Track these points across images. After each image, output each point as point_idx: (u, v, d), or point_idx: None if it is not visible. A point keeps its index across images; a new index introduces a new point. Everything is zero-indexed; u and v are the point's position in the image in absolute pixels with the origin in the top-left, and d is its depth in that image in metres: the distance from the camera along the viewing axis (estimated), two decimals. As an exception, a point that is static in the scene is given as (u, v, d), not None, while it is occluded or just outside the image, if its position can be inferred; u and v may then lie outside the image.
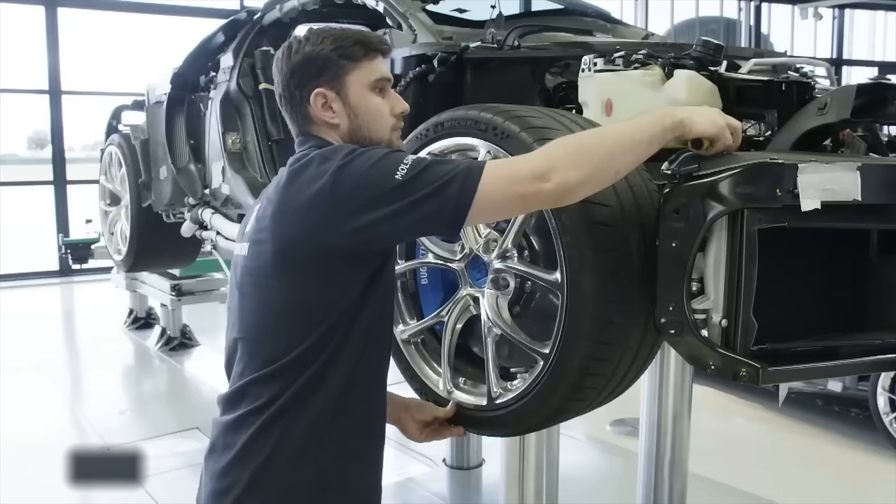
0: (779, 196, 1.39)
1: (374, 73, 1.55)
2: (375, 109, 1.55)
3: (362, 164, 1.38)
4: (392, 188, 1.34)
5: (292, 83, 1.54)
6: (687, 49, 1.94)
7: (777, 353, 1.50)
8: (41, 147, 16.83)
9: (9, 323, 7.22)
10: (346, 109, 1.53)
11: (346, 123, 1.54)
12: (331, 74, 1.52)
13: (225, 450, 1.48)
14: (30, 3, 9.02)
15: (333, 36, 1.53)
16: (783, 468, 4.15)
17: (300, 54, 1.53)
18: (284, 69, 1.55)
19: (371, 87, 1.55)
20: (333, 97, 1.53)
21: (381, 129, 1.56)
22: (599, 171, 1.36)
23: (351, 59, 1.53)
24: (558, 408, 1.64)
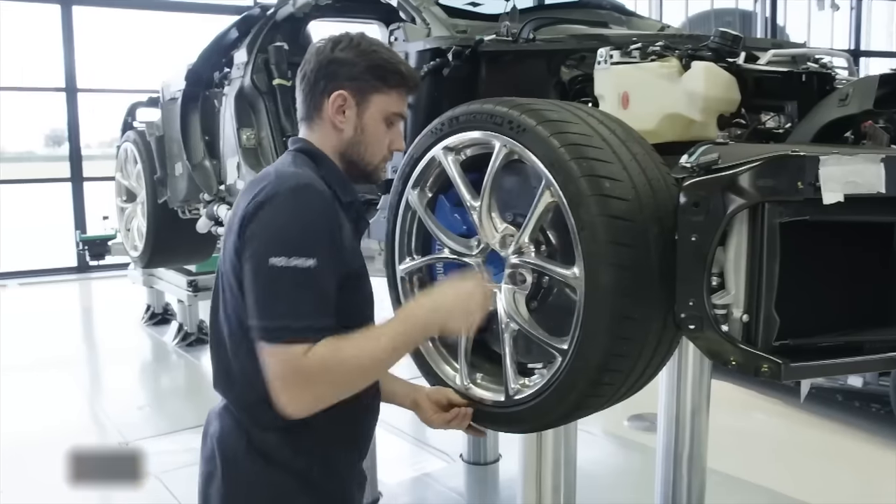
0: (800, 189, 1.37)
1: (396, 106, 1.61)
2: (379, 137, 1.60)
3: (271, 219, 1.42)
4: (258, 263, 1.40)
5: (323, 72, 1.57)
6: (704, 40, 1.92)
7: (799, 349, 1.47)
8: (58, 144, 16.95)
9: (28, 319, 7.29)
10: (356, 122, 1.58)
11: (350, 134, 1.58)
12: (360, 85, 1.56)
13: (208, 437, 1.61)
14: (45, 2, 9.08)
15: (380, 53, 1.58)
16: (802, 464, 4.12)
17: (345, 51, 1.56)
18: (323, 56, 1.57)
19: (385, 116, 1.60)
20: (352, 105, 1.57)
21: (375, 155, 1.62)
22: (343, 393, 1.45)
23: (385, 82, 1.57)
24: (576, 404, 1.62)
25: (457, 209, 1.83)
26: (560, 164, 1.52)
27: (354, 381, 1.46)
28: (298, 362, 1.37)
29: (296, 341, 1.37)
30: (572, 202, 1.50)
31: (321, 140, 1.60)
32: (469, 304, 1.51)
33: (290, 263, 1.38)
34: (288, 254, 1.38)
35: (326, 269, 1.41)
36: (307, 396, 1.41)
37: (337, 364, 1.40)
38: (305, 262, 1.38)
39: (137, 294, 7.14)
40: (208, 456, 1.59)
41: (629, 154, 1.55)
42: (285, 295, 1.39)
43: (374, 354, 1.44)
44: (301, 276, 1.38)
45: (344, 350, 1.40)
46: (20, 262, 9.89)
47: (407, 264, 1.90)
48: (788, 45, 2.21)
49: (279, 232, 1.40)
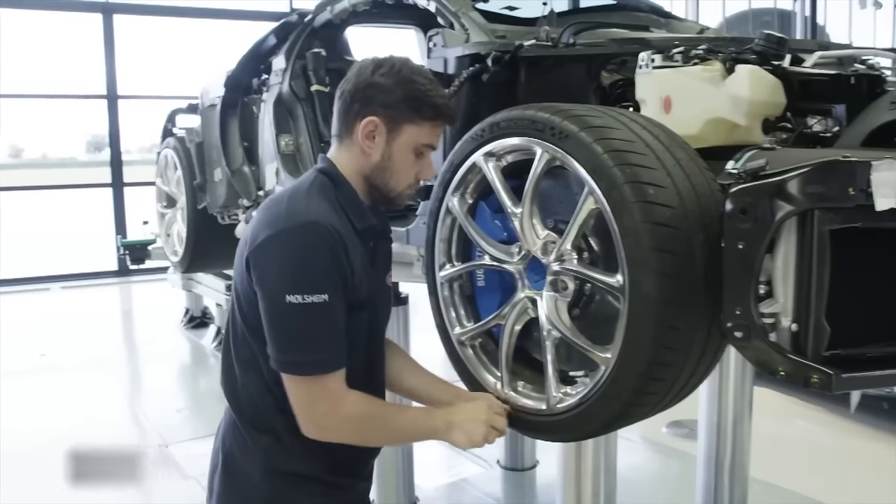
0: (851, 195, 1.33)
1: (427, 138, 1.62)
2: (406, 168, 1.63)
3: (281, 256, 1.48)
4: (274, 299, 1.48)
5: (359, 95, 1.59)
6: (748, 43, 1.88)
7: (850, 359, 1.43)
8: (99, 150, 17.28)
9: (70, 322, 7.43)
10: (384, 149, 1.60)
11: (377, 160, 1.61)
12: (394, 114, 1.58)
13: (219, 431, 1.74)
14: (87, 12, 9.25)
15: (418, 84, 1.58)
16: (846, 473, 4.02)
17: (384, 77, 1.57)
18: (362, 79, 1.59)
19: (415, 147, 1.61)
20: (382, 132, 1.59)
21: (400, 183, 1.64)
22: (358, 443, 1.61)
23: (419, 113, 1.59)
24: (619, 413, 1.60)
25: (497, 215, 1.82)
26: (603, 170, 1.50)
27: (372, 438, 1.64)
28: (332, 398, 1.52)
29: (321, 373, 1.50)
30: (615, 209, 1.49)
31: (347, 161, 1.63)
32: (476, 426, 1.62)
33: (305, 300, 1.46)
34: (302, 291, 1.46)
35: (338, 301, 1.50)
36: (330, 428, 1.55)
37: (365, 419, 1.56)
38: (320, 297, 1.46)
39: (176, 298, 7.23)
40: (215, 449, 1.71)
41: (673, 160, 1.53)
42: (304, 330, 1.48)
43: (398, 427, 1.63)
44: (317, 311, 1.47)
45: (376, 410, 1.59)
46: (62, 265, 10.09)
47: (447, 271, 1.89)
48: (835, 47, 2.17)
49: (291, 270, 1.47)
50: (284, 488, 1.62)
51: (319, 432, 1.55)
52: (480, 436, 1.61)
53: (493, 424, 1.63)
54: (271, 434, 1.61)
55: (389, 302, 1.82)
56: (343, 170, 1.63)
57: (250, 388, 1.62)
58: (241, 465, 1.64)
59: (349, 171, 1.63)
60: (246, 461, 1.64)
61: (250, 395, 1.62)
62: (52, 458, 4.07)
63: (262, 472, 1.62)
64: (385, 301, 1.77)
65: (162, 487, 3.86)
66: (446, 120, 1.64)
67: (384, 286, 1.76)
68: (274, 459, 1.62)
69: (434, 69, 2.29)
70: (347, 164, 1.63)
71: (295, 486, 1.63)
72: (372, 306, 1.64)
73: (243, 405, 1.64)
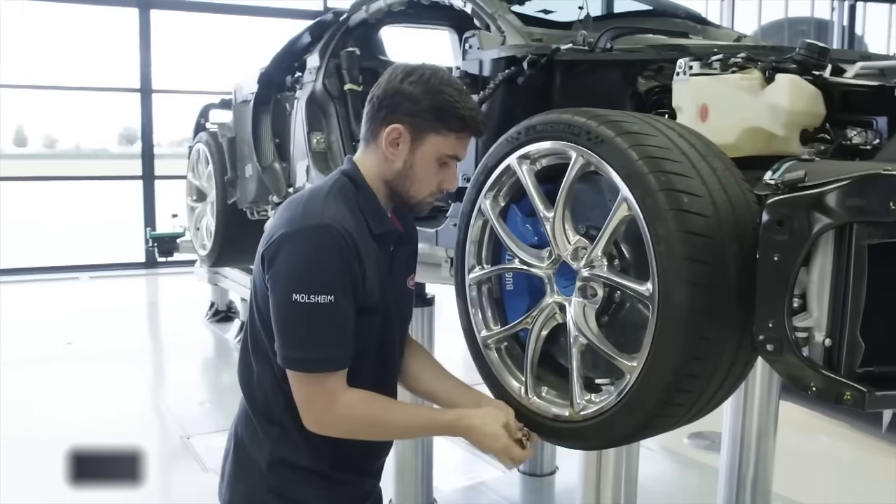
0: (892, 210, 1.30)
1: (451, 149, 1.62)
2: (428, 177, 1.63)
3: (292, 255, 1.51)
4: (282, 296, 1.51)
5: (387, 101, 1.59)
6: (788, 52, 1.86)
7: (884, 377, 1.41)
8: (131, 143, 17.49)
9: (97, 311, 7.53)
10: (407, 157, 1.61)
11: (399, 167, 1.61)
12: (419, 124, 1.58)
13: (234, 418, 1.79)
14: (124, 6, 9.37)
15: (445, 94, 1.58)
16: (870, 491, 3.96)
17: (413, 85, 1.57)
18: (391, 85, 1.60)
19: (438, 157, 1.61)
20: (406, 140, 1.59)
21: (421, 191, 1.65)
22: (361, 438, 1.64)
23: (444, 124, 1.58)
24: (644, 423, 1.58)
25: (528, 219, 1.81)
26: (638, 177, 1.49)
27: (372, 434, 1.64)
28: (329, 395, 1.55)
29: (323, 371, 1.54)
30: (649, 216, 1.47)
31: (371, 165, 1.64)
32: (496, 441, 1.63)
33: (311, 300, 1.48)
34: (308, 291, 1.48)
35: (345, 303, 1.52)
36: (328, 425, 1.59)
37: (363, 419, 1.58)
38: (326, 298, 1.49)
39: (202, 291, 7.29)
40: (230, 436, 1.77)
41: (709, 169, 1.51)
42: (307, 329, 1.51)
43: (401, 427, 1.66)
44: (321, 311, 1.49)
45: (377, 409, 1.59)
46: (92, 256, 10.22)
47: (476, 273, 1.89)
48: (877, 58, 2.13)
49: (300, 270, 1.50)
50: (290, 479, 1.65)
51: (317, 427, 1.58)
52: (500, 448, 1.63)
53: (511, 455, 1.64)
54: (280, 427, 1.64)
55: (410, 305, 1.83)
56: (366, 173, 1.64)
57: (264, 382, 1.65)
58: (250, 454, 1.68)
59: (372, 175, 1.64)
60: (255, 450, 1.67)
61: (263, 389, 1.66)
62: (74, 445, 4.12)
63: (268, 463, 1.65)
64: (405, 304, 1.78)
65: (182, 479, 3.90)
66: (473, 132, 1.64)
67: (404, 290, 1.77)
68: (281, 451, 1.65)
69: (469, 71, 2.29)
70: (371, 168, 1.64)
71: (300, 479, 1.66)
72: (385, 310, 1.65)
73: (256, 397, 1.67)
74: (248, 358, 1.69)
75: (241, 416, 1.73)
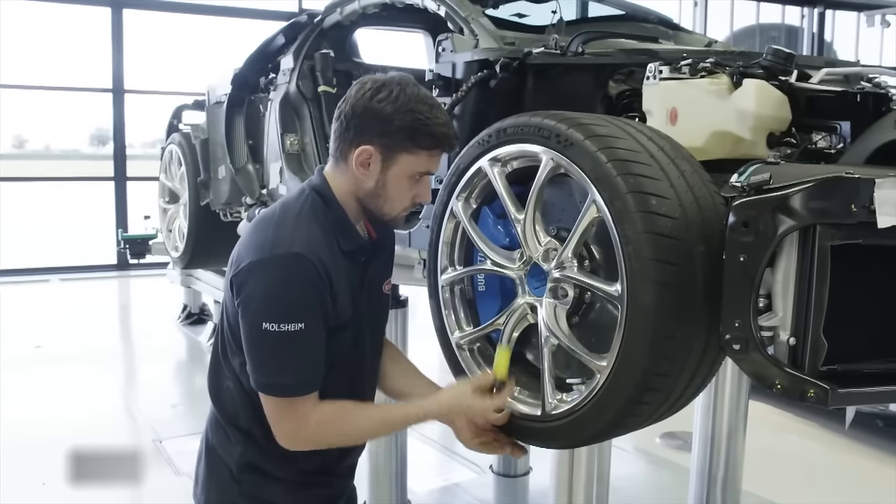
0: (854, 212, 1.34)
1: (424, 166, 1.59)
2: (401, 193, 1.61)
3: (262, 284, 1.51)
4: (252, 324, 1.51)
5: (356, 122, 1.55)
6: (756, 57, 1.89)
7: (847, 375, 1.44)
8: (103, 144, 17.29)
9: (67, 314, 7.43)
10: (378, 176, 1.58)
11: (371, 186, 1.59)
12: (389, 144, 1.55)
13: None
14: (96, 5, 9.27)
15: (416, 113, 1.53)
16: (839, 489, 4.03)
17: (382, 103, 1.52)
18: (360, 103, 1.55)
19: (411, 175, 1.59)
20: (377, 160, 1.57)
21: (395, 208, 1.63)
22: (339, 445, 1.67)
23: (415, 144, 1.55)
24: (613, 422, 1.60)
25: (500, 221, 1.83)
26: (606, 179, 1.51)
27: (348, 441, 1.66)
28: (300, 418, 1.56)
29: (292, 395, 1.55)
30: (617, 218, 1.49)
31: (341, 182, 1.62)
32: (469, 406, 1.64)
33: (281, 328, 1.49)
34: (278, 320, 1.48)
35: (316, 329, 1.53)
36: (301, 444, 1.61)
37: (333, 429, 1.59)
38: (296, 326, 1.49)
39: (175, 293, 7.23)
40: (202, 439, 1.77)
41: (677, 171, 1.53)
42: (277, 356, 1.52)
43: (370, 429, 1.68)
44: (291, 339, 1.50)
45: (343, 418, 1.60)
46: (62, 258, 10.09)
47: (449, 274, 1.90)
48: (842, 64, 2.18)
49: (270, 299, 1.50)
50: (260, 482, 1.66)
51: (290, 445, 1.60)
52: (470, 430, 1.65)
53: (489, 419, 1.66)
54: (248, 435, 1.66)
55: (385, 310, 1.84)
56: (337, 190, 1.61)
57: (233, 392, 1.66)
58: (221, 458, 1.69)
59: (343, 192, 1.61)
60: (225, 454, 1.68)
61: (232, 398, 1.66)
62: (45, 451, 4.07)
63: (238, 467, 1.66)
64: (378, 311, 1.78)
65: (154, 483, 3.86)
66: (445, 148, 1.61)
67: (379, 296, 1.77)
68: (249, 457, 1.66)
69: (442, 73, 2.30)
70: (341, 185, 1.62)
71: (270, 482, 1.67)
72: (357, 324, 1.65)
73: (225, 405, 1.68)
74: (220, 367, 1.69)
75: (212, 420, 1.73)
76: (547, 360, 1.68)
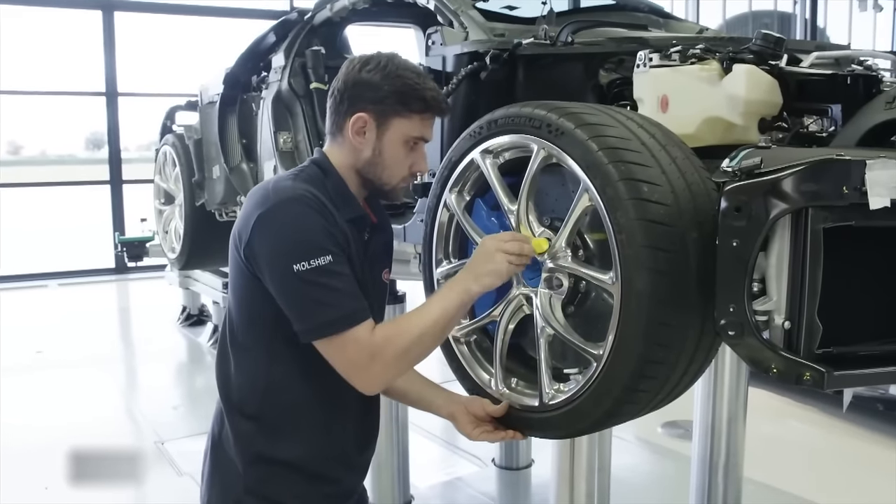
0: (845, 194, 1.34)
1: (417, 130, 1.62)
2: (398, 161, 1.63)
3: (278, 231, 1.50)
4: (283, 273, 1.49)
5: (348, 93, 1.61)
6: (745, 43, 1.89)
7: (842, 357, 1.44)
8: (98, 147, 17.27)
9: (67, 319, 7.43)
10: (375, 144, 1.61)
11: (368, 155, 1.62)
12: (381, 109, 1.59)
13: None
14: (87, 8, 9.25)
15: (404, 78, 1.59)
16: (840, 474, 4.04)
17: (371, 73, 1.59)
18: (350, 77, 1.61)
19: (405, 140, 1.62)
20: (372, 128, 1.60)
21: (393, 177, 1.65)
22: (415, 360, 1.59)
23: (407, 107, 1.59)
24: (611, 411, 1.60)
25: (494, 212, 1.83)
26: (598, 167, 1.51)
27: (418, 346, 1.56)
28: (365, 344, 1.51)
29: (351, 327, 1.50)
30: (610, 206, 1.49)
31: (340, 156, 1.65)
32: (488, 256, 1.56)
33: (311, 265, 1.47)
34: (306, 258, 1.47)
35: (342, 259, 1.53)
36: (379, 371, 1.54)
37: (399, 336, 1.53)
38: (324, 259, 1.49)
39: (173, 295, 7.23)
40: (208, 436, 1.74)
41: (668, 158, 1.53)
42: (320, 292, 1.49)
43: (430, 320, 1.56)
44: (325, 272, 1.49)
45: (402, 324, 1.56)
46: (60, 262, 10.09)
47: (444, 267, 1.90)
48: (832, 48, 2.17)
49: (290, 241, 1.49)
50: (267, 478, 1.64)
51: (378, 383, 1.57)
52: (504, 265, 1.56)
53: (504, 249, 1.57)
54: (256, 421, 1.63)
55: (384, 298, 1.83)
56: (336, 164, 1.65)
57: (240, 374, 1.65)
58: (227, 454, 1.67)
59: (342, 166, 1.64)
60: (230, 449, 1.67)
61: (239, 382, 1.65)
62: (47, 454, 4.08)
63: (245, 461, 1.64)
64: (379, 296, 1.77)
65: (156, 484, 3.86)
66: (436, 112, 1.64)
67: (379, 282, 1.77)
68: (257, 446, 1.64)
69: (432, 67, 2.30)
70: (340, 159, 1.65)
71: (278, 476, 1.65)
72: (365, 295, 1.63)
73: (232, 392, 1.66)
74: (226, 353, 1.68)
75: (217, 416, 1.72)
76: (543, 350, 1.69)
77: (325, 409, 1.65)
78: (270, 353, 1.61)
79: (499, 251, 1.56)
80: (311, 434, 1.64)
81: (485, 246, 1.59)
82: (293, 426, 1.63)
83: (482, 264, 1.57)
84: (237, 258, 1.58)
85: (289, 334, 1.54)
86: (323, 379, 1.59)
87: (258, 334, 1.61)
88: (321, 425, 1.65)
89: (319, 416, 1.65)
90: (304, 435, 1.64)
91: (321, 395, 1.63)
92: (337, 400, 1.65)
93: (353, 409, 1.69)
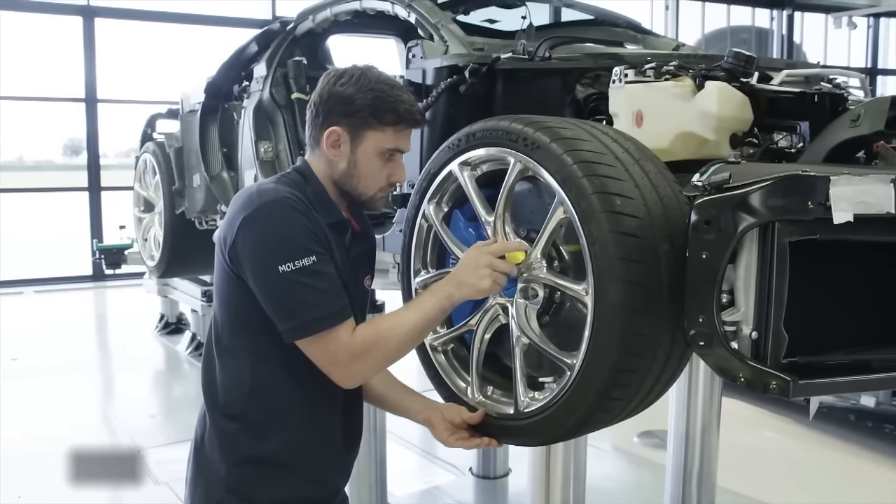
0: (810, 209, 1.38)
1: (391, 142, 1.65)
2: (374, 172, 1.66)
3: (263, 232, 1.53)
4: (268, 273, 1.52)
5: (322, 107, 1.64)
6: (718, 60, 1.94)
7: (808, 367, 1.48)
8: (76, 154, 17.13)
9: (43, 326, 7.36)
10: (349, 156, 1.65)
11: (344, 167, 1.66)
12: (355, 123, 1.62)
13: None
14: (68, 14, 9.20)
15: (377, 91, 1.61)
16: (813, 483, 4.09)
17: (345, 86, 1.62)
18: (324, 91, 1.64)
19: (380, 152, 1.65)
20: (346, 140, 1.64)
21: (369, 188, 1.68)
22: (393, 360, 1.64)
23: (379, 121, 1.62)
24: (585, 419, 1.63)
25: (471, 223, 1.86)
26: (572, 180, 1.54)
27: (398, 347, 1.61)
28: (346, 344, 1.55)
29: (333, 326, 1.54)
30: (584, 218, 1.53)
31: (318, 167, 1.69)
32: (475, 269, 1.60)
33: (295, 265, 1.51)
34: (290, 259, 1.51)
35: (325, 259, 1.56)
36: (360, 369, 1.60)
37: (380, 337, 1.58)
38: (308, 259, 1.52)
39: (152, 303, 7.19)
40: (192, 441, 1.75)
41: (641, 172, 1.57)
42: (304, 292, 1.52)
43: (410, 322, 1.61)
44: (309, 273, 1.52)
45: (383, 325, 1.61)
46: (36, 269, 9.99)
47: (421, 277, 1.93)
48: (802, 66, 2.23)
49: (275, 242, 1.53)
50: (249, 478, 1.66)
51: (356, 379, 1.63)
52: (489, 282, 1.59)
53: (493, 266, 1.60)
54: (240, 421, 1.65)
55: (366, 302, 1.85)
56: (317, 173, 1.68)
57: (225, 375, 1.66)
58: (209, 456, 1.68)
59: (322, 176, 1.68)
60: (213, 451, 1.68)
61: (225, 386, 1.66)
62: (22, 463, 4.04)
63: (227, 462, 1.66)
64: (360, 303, 1.79)
65: (134, 493, 3.84)
66: (409, 123, 1.66)
67: (362, 287, 1.79)
68: (241, 448, 1.65)
69: (412, 80, 2.33)
70: (319, 169, 1.68)
71: (260, 475, 1.66)
72: (349, 298, 1.66)
73: (218, 393, 1.67)
74: (211, 355, 1.69)
75: (201, 419, 1.73)
76: (519, 359, 1.72)
77: (312, 409, 1.67)
78: (256, 354, 1.63)
79: (488, 266, 1.60)
80: (296, 434, 1.66)
81: (474, 258, 1.62)
82: (279, 426, 1.64)
83: (468, 275, 1.60)
84: (222, 261, 1.60)
85: (274, 335, 1.56)
86: (309, 379, 1.62)
87: (243, 336, 1.63)
88: (307, 425, 1.67)
89: (305, 415, 1.66)
90: (289, 435, 1.65)
91: (307, 395, 1.65)
92: (323, 399, 1.66)
93: (338, 408, 1.71)
